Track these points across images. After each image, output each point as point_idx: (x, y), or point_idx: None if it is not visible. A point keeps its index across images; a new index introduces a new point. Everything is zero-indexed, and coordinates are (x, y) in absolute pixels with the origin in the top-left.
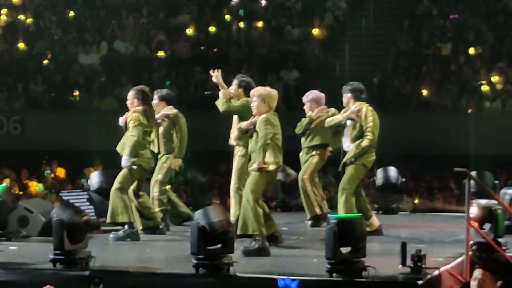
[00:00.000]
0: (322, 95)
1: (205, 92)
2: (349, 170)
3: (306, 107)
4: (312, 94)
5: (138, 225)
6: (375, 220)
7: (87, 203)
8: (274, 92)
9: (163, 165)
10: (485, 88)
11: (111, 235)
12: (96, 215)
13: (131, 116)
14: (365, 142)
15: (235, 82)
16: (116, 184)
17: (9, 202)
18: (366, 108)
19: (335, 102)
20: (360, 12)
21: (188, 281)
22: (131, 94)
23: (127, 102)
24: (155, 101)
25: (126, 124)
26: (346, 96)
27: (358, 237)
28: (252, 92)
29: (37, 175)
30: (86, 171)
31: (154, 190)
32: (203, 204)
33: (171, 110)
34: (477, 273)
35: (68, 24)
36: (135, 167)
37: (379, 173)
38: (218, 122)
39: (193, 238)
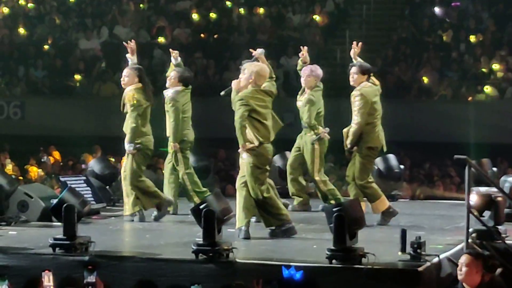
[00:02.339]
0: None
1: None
2: (356, 161)
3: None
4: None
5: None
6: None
7: (87, 189)
8: (264, 69)
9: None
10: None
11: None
12: (95, 201)
13: (127, 97)
14: (353, 127)
15: (243, 68)
16: (128, 176)
17: (6, 185)
18: (355, 93)
19: (335, 88)
20: None
21: (188, 267)
22: (126, 71)
23: (122, 82)
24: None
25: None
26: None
27: (358, 221)
28: (244, 65)
29: (37, 160)
30: (85, 157)
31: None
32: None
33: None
34: (464, 259)
35: (68, 9)
36: (138, 148)
37: (379, 160)
38: (218, 109)
39: (207, 226)
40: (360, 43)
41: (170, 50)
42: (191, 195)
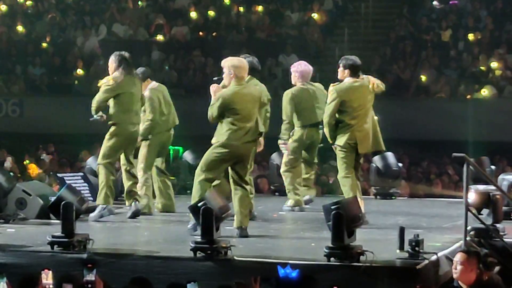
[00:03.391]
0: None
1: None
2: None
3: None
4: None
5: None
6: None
7: (85, 186)
8: (240, 60)
9: None
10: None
11: None
12: (93, 198)
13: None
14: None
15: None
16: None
17: (4, 183)
18: (330, 87)
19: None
20: None
21: (186, 265)
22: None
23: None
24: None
25: None
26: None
27: (357, 219)
28: (223, 62)
29: (35, 158)
30: (83, 154)
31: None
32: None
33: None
34: (458, 257)
35: (67, 7)
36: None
37: (377, 158)
38: None
39: (205, 224)
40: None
41: None
42: None
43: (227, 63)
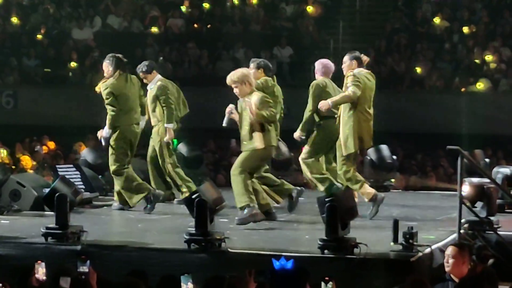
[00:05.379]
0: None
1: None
2: None
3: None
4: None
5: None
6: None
7: (79, 178)
8: (246, 70)
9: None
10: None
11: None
12: (87, 190)
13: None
14: None
15: (252, 66)
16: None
17: None
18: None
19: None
20: None
21: (180, 256)
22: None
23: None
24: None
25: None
26: None
27: (351, 211)
28: (228, 81)
29: (29, 149)
30: (77, 146)
31: None
32: (194, 180)
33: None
34: (450, 250)
35: None
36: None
37: (372, 151)
38: (210, 98)
39: (199, 216)
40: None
41: None
42: None
43: (234, 78)
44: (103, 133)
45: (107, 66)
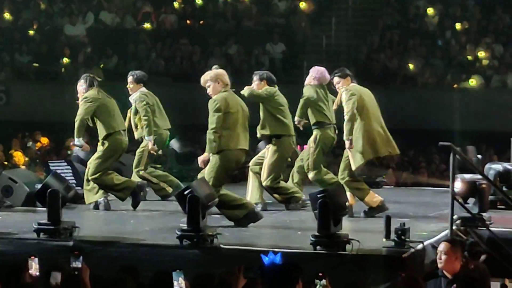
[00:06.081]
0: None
1: None
2: None
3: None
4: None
5: None
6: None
7: (71, 174)
8: (220, 70)
9: None
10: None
11: None
12: (79, 186)
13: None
14: None
15: (256, 78)
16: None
17: None
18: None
19: None
20: None
21: (172, 253)
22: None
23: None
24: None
25: None
26: None
27: (343, 207)
28: (202, 81)
29: (21, 145)
30: (69, 142)
31: None
32: (187, 176)
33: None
34: (442, 246)
35: None
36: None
37: None
38: (203, 95)
39: (191, 212)
40: None
41: None
42: None
43: (207, 77)
44: None
45: (80, 85)
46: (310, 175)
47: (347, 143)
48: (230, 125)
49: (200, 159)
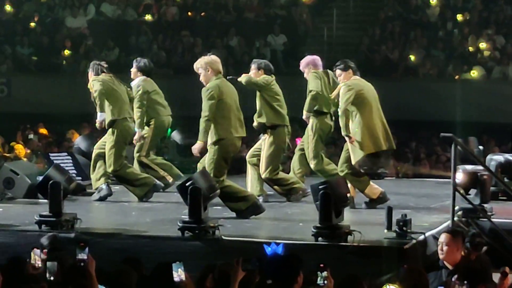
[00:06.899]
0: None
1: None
2: None
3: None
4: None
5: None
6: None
7: (72, 166)
8: (214, 57)
9: None
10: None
11: None
12: (81, 178)
13: None
14: None
15: (253, 67)
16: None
17: None
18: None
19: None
20: None
21: (173, 244)
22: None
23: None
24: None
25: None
26: None
27: (344, 199)
28: (195, 68)
29: (23, 137)
30: (70, 134)
31: None
32: (189, 168)
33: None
34: (443, 237)
35: None
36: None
37: None
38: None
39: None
40: None
41: None
42: None
43: (199, 64)
44: None
45: (90, 73)
46: (312, 164)
47: (347, 139)
48: (225, 112)
49: (195, 148)
